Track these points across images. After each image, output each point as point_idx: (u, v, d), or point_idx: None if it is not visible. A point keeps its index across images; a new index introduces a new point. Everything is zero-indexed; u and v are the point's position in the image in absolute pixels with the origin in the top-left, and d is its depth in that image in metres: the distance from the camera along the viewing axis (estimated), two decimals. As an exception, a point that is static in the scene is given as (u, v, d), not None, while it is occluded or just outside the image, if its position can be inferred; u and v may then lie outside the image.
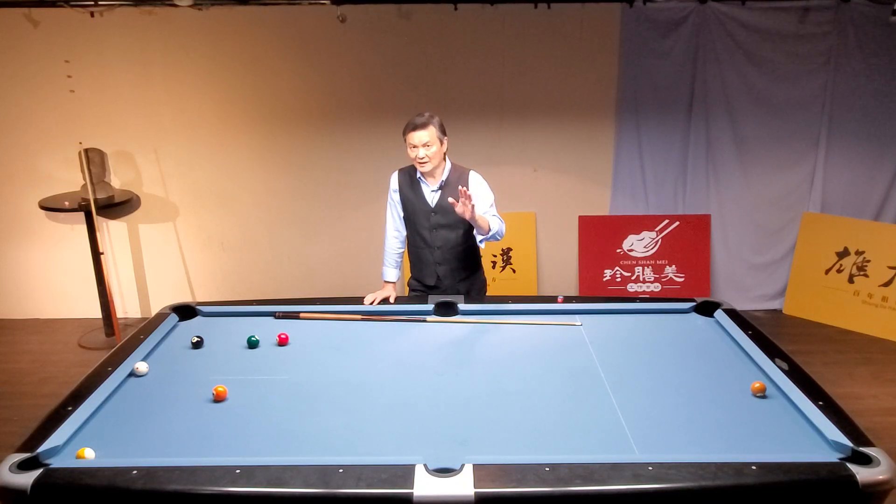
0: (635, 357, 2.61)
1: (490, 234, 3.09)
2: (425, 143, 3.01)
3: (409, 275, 3.44)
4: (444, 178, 3.16)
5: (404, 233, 3.33)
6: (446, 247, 3.23)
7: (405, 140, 3.08)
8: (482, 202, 3.17)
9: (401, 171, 3.26)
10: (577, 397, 2.30)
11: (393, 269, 3.38)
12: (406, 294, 3.45)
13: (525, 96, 4.91)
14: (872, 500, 1.79)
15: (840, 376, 4.21)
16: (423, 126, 3.00)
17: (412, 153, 3.06)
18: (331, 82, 4.84)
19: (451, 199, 2.93)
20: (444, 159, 3.16)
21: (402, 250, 3.40)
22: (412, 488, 1.73)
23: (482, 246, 3.29)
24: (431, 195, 3.19)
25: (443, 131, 3.08)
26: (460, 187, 2.88)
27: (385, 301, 3.13)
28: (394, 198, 3.27)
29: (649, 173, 5.11)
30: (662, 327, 2.89)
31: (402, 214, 3.28)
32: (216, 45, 4.74)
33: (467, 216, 2.91)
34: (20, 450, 1.90)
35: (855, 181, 5.03)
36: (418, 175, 3.18)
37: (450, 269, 3.27)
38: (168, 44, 4.71)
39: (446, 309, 3.02)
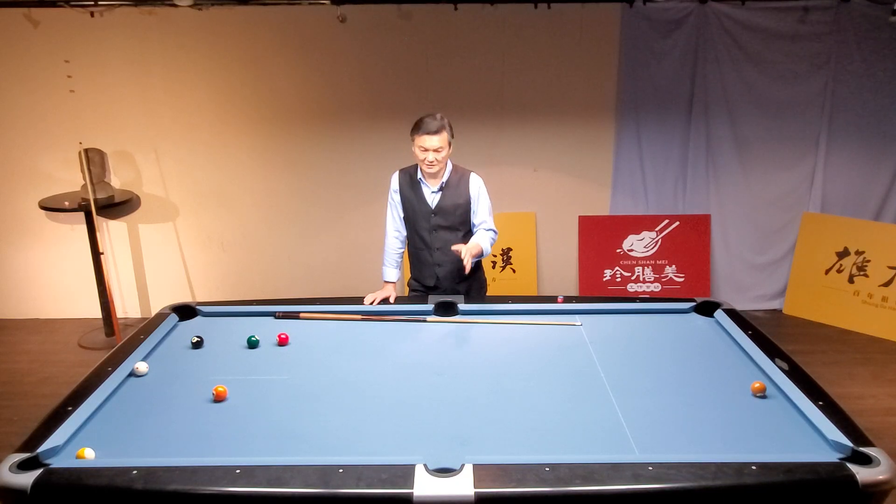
0: (635, 357, 2.61)
1: (482, 255, 3.17)
2: (436, 148, 3.01)
3: (409, 275, 3.44)
4: (444, 179, 3.16)
5: (404, 233, 3.33)
6: (446, 248, 3.22)
7: (413, 140, 3.06)
8: (482, 210, 3.22)
9: (401, 172, 3.26)
10: (577, 397, 2.30)
11: (393, 269, 3.37)
12: (406, 294, 3.45)
13: (525, 96, 4.91)
14: (872, 500, 1.79)
15: (840, 376, 4.21)
16: (437, 131, 2.99)
17: (421, 156, 3.05)
18: (331, 82, 4.84)
19: (454, 247, 3.04)
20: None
21: (403, 250, 3.40)
22: (412, 488, 1.73)
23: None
24: (432, 196, 3.19)
25: (452, 134, 3.09)
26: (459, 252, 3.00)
27: (385, 301, 3.13)
28: (394, 198, 3.27)
29: (649, 173, 5.11)
30: (662, 327, 2.89)
31: (402, 215, 3.28)
32: (216, 45, 4.74)
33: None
34: (20, 450, 1.90)
35: (855, 181, 5.03)
36: (419, 176, 3.18)
37: (449, 270, 3.26)
38: (168, 44, 4.71)
39: (446, 309, 3.02)
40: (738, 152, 5.04)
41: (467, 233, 3.24)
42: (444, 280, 3.28)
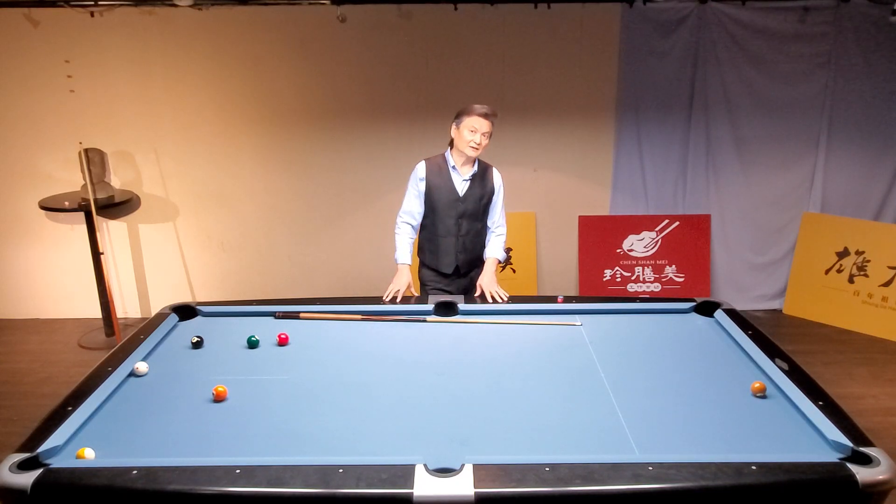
0: (635, 357, 2.61)
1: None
2: (485, 132, 3.13)
3: (419, 269, 3.48)
4: (475, 170, 3.27)
5: (420, 220, 3.39)
6: (469, 235, 3.33)
7: (461, 120, 3.14)
8: (499, 207, 3.39)
9: (428, 162, 3.32)
10: (577, 397, 2.30)
11: (408, 252, 3.39)
12: (417, 286, 3.48)
13: (525, 96, 4.91)
14: (872, 500, 1.79)
15: (840, 376, 4.21)
16: (492, 116, 3.13)
17: (470, 137, 3.13)
18: (331, 82, 4.84)
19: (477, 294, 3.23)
20: None
21: (414, 238, 3.44)
22: (412, 488, 1.73)
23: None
24: (462, 184, 3.27)
25: None
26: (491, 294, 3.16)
27: (405, 299, 3.15)
28: (419, 186, 3.31)
29: (649, 173, 5.11)
30: (662, 327, 2.88)
31: (423, 200, 3.33)
32: (216, 45, 4.74)
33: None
34: (20, 450, 1.90)
35: (855, 181, 5.03)
36: (451, 164, 3.25)
37: (468, 257, 3.37)
38: (168, 44, 4.71)
39: (446, 309, 3.02)
40: (738, 152, 5.04)
41: (485, 222, 3.39)
42: (462, 267, 3.38)
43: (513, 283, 5.22)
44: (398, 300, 3.14)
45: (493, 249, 3.38)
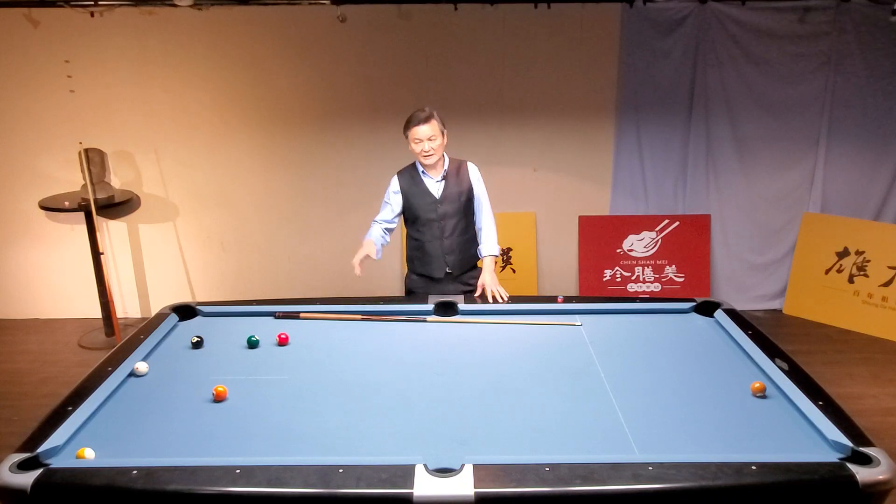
0: (635, 357, 2.61)
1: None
2: (429, 136, 3.11)
3: (406, 276, 3.47)
4: (445, 168, 3.25)
5: (393, 227, 3.39)
6: (455, 235, 3.30)
7: (408, 136, 3.15)
8: (485, 199, 3.35)
9: (400, 174, 3.31)
10: (577, 397, 2.30)
11: (378, 235, 3.32)
12: (405, 291, 3.47)
13: (525, 96, 4.91)
14: (872, 500, 1.79)
15: (840, 376, 4.21)
16: (427, 120, 3.10)
17: (417, 147, 3.13)
18: (331, 82, 4.85)
19: (477, 294, 3.19)
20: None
21: (385, 243, 3.39)
22: (412, 488, 1.73)
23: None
24: (437, 186, 3.26)
25: (443, 124, 3.18)
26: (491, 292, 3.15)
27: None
28: (393, 198, 3.31)
29: (649, 173, 5.11)
30: (662, 327, 2.88)
31: (397, 212, 3.33)
32: (216, 45, 4.74)
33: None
34: (20, 450, 1.90)
35: (855, 181, 5.03)
36: (421, 170, 3.25)
37: (458, 258, 3.34)
38: (168, 44, 4.71)
39: (446, 309, 3.02)
40: (738, 152, 5.04)
41: (470, 219, 3.35)
42: (453, 269, 3.35)
43: (513, 283, 5.22)
44: (357, 263, 3.10)
45: (488, 247, 3.35)
